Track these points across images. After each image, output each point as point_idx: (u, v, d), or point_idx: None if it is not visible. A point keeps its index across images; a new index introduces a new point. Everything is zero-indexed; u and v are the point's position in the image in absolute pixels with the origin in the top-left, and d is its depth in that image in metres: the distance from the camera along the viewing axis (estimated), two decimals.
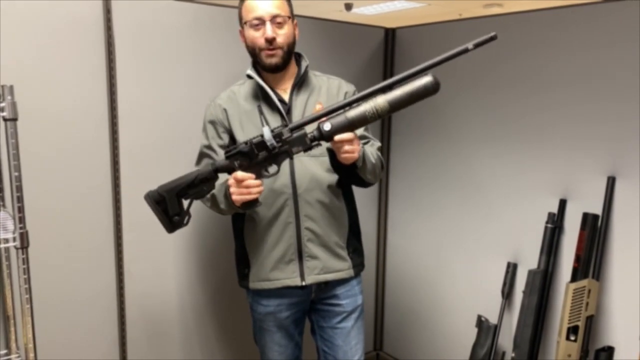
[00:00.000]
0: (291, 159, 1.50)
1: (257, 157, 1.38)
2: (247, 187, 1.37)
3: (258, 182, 1.38)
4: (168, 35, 1.83)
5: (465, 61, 2.13)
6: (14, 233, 1.36)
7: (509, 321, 2.02)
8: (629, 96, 1.65)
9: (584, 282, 1.72)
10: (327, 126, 1.33)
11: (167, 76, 1.84)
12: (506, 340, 2.00)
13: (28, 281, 1.38)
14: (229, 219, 1.67)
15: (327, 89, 1.61)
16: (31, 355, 1.41)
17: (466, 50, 1.22)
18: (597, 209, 1.74)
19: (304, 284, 1.56)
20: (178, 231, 1.88)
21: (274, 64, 1.52)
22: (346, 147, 1.34)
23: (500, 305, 2.02)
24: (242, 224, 1.61)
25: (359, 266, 1.66)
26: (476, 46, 1.22)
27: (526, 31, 1.91)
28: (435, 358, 2.36)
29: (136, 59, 1.77)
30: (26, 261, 1.37)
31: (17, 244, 1.36)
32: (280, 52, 1.51)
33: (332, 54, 2.21)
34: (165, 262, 1.93)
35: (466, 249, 2.20)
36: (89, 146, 1.72)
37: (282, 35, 1.50)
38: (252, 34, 1.51)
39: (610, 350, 1.74)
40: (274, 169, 1.40)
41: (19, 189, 1.34)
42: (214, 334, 2.09)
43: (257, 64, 1.56)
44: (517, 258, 2.02)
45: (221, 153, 1.50)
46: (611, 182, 1.71)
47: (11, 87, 1.33)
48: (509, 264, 2.02)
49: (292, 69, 1.60)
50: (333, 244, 1.58)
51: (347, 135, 1.33)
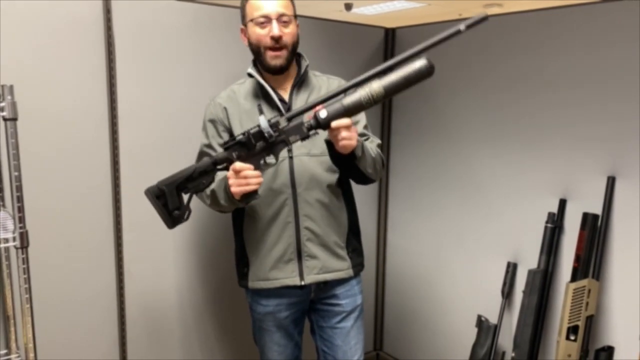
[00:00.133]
0: (290, 150, 1.51)
1: (254, 148, 1.38)
2: (246, 177, 1.37)
3: (257, 172, 1.38)
4: (168, 35, 1.83)
5: (465, 61, 2.15)
6: (14, 233, 1.36)
7: (509, 321, 2.02)
8: (629, 96, 1.65)
9: (584, 282, 1.72)
10: (323, 113, 1.33)
11: (167, 76, 1.85)
12: (506, 340, 2.00)
13: (28, 281, 1.38)
14: (229, 218, 1.67)
15: (327, 88, 1.61)
16: (31, 355, 1.41)
17: (459, 32, 1.23)
18: (597, 208, 1.74)
19: (303, 283, 1.56)
20: (178, 231, 1.89)
21: (278, 66, 1.52)
22: (343, 133, 1.34)
23: (500, 305, 2.02)
24: (242, 223, 1.61)
25: (358, 266, 1.66)
26: (468, 27, 1.22)
27: (526, 31, 1.91)
28: (435, 358, 2.36)
29: (136, 59, 1.77)
30: (26, 261, 1.37)
31: (17, 243, 1.36)
32: (285, 53, 1.51)
33: (332, 54, 2.21)
34: (165, 262, 1.93)
35: (466, 248, 2.20)
36: (89, 146, 1.72)
37: (288, 34, 1.50)
38: (257, 32, 1.50)
39: (610, 350, 1.74)
40: (272, 159, 1.40)
41: (19, 188, 1.34)
42: (213, 333, 2.09)
43: (260, 64, 1.55)
44: (517, 258, 2.02)
45: (221, 151, 1.50)
46: (611, 182, 1.71)
47: (11, 87, 1.33)
48: (509, 264, 2.02)
49: (293, 69, 1.59)
50: (332, 243, 1.58)
51: (343, 121, 1.33)
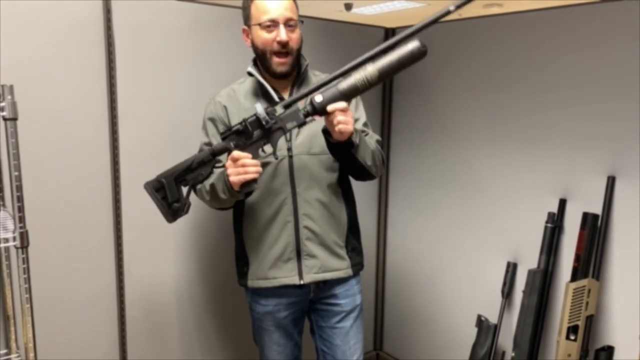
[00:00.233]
0: (289, 149, 1.51)
1: (252, 136, 1.38)
2: (244, 165, 1.37)
3: (255, 161, 1.38)
4: (168, 35, 1.83)
5: (465, 61, 2.15)
6: (14, 232, 1.36)
7: (509, 321, 2.02)
8: (629, 96, 1.65)
9: (584, 282, 1.72)
10: (319, 98, 1.34)
11: (167, 76, 1.85)
12: (506, 340, 2.00)
13: (28, 281, 1.38)
14: (228, 218, 1.67)
15: None
16: (31, 355, 1.41)
17: (448, 12, 1.24)
18: (597, 208, 1.74)
19: (302, 282, 1.56)
20: (178, 230, 1.89)
21: (284, 72, 1.52)
22: (339, 117, 1.34)
23: (500, 304, 2.02)
24: (242, 222, 1.61)
25: (357, 265, 1.66)
26: (457, 8, 1.24)
27: (526, 31, 1.91)
28: (435, 358, 2.36)
29: (136, 59, 1.77)
30: (26, 261, 1.38)
31: (17, 243, 1.36)
32: (290, 60, 1.50)
33: (332, 54, 2.20)
34: (165, 262, 1.93)
35: (466, 248, 2.20)
36: (89, 146, 1.72)
37: (295, 39, 1.50)
38: (263, 35, 1.48)
39: (610, 350, 1.74)
40: (270, 148, 1.40)
41: (19, 188, 1.34)
42: (213, 333, 2.09)
43: (263, 68, 1.54)
44: (517, 258, 2.02)
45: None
46: (611, 182, 1.71)
47: (11, 87, 1.33)
48: (509, 264, 2.02)
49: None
50: (332, 243, 1.58)
51: (339, 104, 1.33)
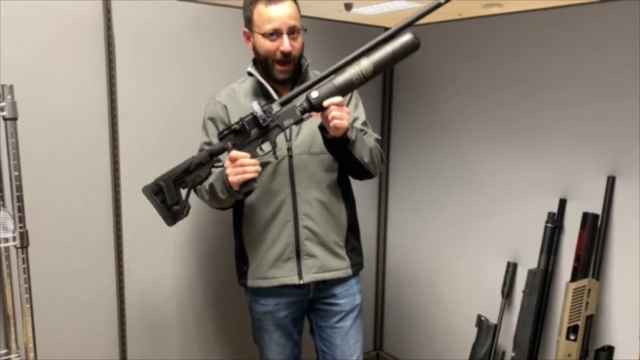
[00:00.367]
0: (289, 149, 1.51)
1: (249, 135, 1.38)
2: (243, 165, 1.37)
3: (254, 160, 1.38)
4: (168, 35, 1.83)
5: (465, 60, 2.15)
6: (14, 232, 1.36)
7: (509, 321, 2.02)
8: (629, 96, 1.65)
9: (583, 282, 1.72)
10: (314, 94, 1.35)
11: (168, 76, 1.85)
12: (506, 340, 2.00)
13: (28, 281, 1.38)
14: (228, 217, 1.67)
15: None
16: (31, 355, 1.41)
17: (439, 5, 1.26)
18: (597, 208, 1.74)
19: (301, 282, 1.56)
20: (178, 230, 1.89)
21: (285, 79, 1.53)
22: (334, 112, 1.35)
23: (500, 304, 2.02)
24: (241, 222, 1.61)
25: (357, 265, 1.66)
26: (447, 0, 1.25)
27: (526, 31, 1.91)
28: (435, 358, 2.36)
29: (136, 59, 1.77)
30: (26, 261, 1.38)
31: (17, 243, 1.36)
32: (292, 67, 1.51)
33: (332, 54, 2.19)
34: (165, 262, 1.93)
35: (466, 248, 2.20)
36: (89, 146, 1.72)
37: (297, 48, 1.50)
38: (266, 44, 1.48)
39: (610, 350, 1.74)
40: (268, 146, 1.40)
41: (19, 188, 1.34)
42: (213, 333, 2.09)
43: (265, 72, 1.54)
44: (517, 257, 2.02)
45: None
46: (611, 182, 1.71)
47: (11, 87, 1.33)
48: (509, 264, 2.02)
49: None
50: (331, 242, 1.58)
51: (335, 98, 1.35)
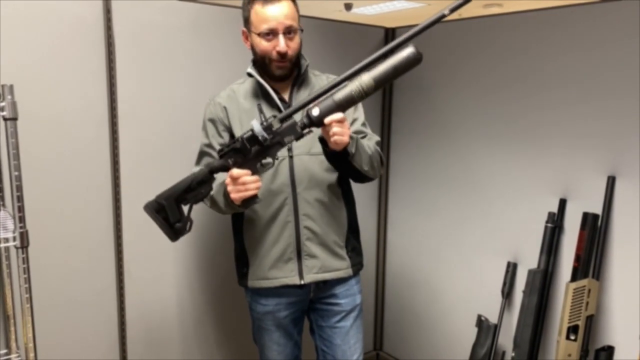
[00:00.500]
0: (290, 149, 1.51)
1: (250, 152, 1.38)
2: (244, 183, 1.37)
3: (255, 177, 1.38)
4: (168, 35, 1.83)
5: (465, 60, 2.15)
6: (14, 232, 1.36)
7: (509, 321, 2.02)
8: (629, 95, 1.65)
9: (584, 282, 1.72)
10: (315, 111, 1.34)
11: (168, 76, 1.85)
12: (506, 340, 2.00)
13: (28, 281, 1.38)
14: (228, 218, 1.67)
15: None
16: (31, 355, 1.41)
17: (443, 17, 1.23)
18: (597, 208, 1.74)
19: (302, 282, 1.56)
20: None
21: (282, 75, 1.53)
22: (335, 128, 1.33)
23: (500, 304, 2.02)
24: (242, 223, 1.61)
25: (357, 265, 1.66)
26: (452, 11, 1.23)
27: (526, 31, 1.91)
28: (435, 358, 2.36)
29: (136, 59, 1.77)
30: (26, 261, 1.38)
31: (17, 243, 1.36)
32: (289, 64, 1.51)
33: (332, 54, 2.21)
34: (165, 262, 1.93)
35: (466, 248, 2.20)
36: (89, 146, 1.72)
37: (293, 47, 1.50)
38: (262, 44, 1.49)
39: (610, 350, 1.74)
40: (268, 161, 1.40)
41: (19, 188, 1.34)
42: (213, 333, 2.09)
43: (263, 70, 1.55)
44: (517, 257, 2.02)
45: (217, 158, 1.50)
46: (611, 182, 1.71)
47: (11, 87, 1.33)
48: (509, 264, 2.02)
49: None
50: (332, 243, 1.58)
51: (336, 115, 1.33)
